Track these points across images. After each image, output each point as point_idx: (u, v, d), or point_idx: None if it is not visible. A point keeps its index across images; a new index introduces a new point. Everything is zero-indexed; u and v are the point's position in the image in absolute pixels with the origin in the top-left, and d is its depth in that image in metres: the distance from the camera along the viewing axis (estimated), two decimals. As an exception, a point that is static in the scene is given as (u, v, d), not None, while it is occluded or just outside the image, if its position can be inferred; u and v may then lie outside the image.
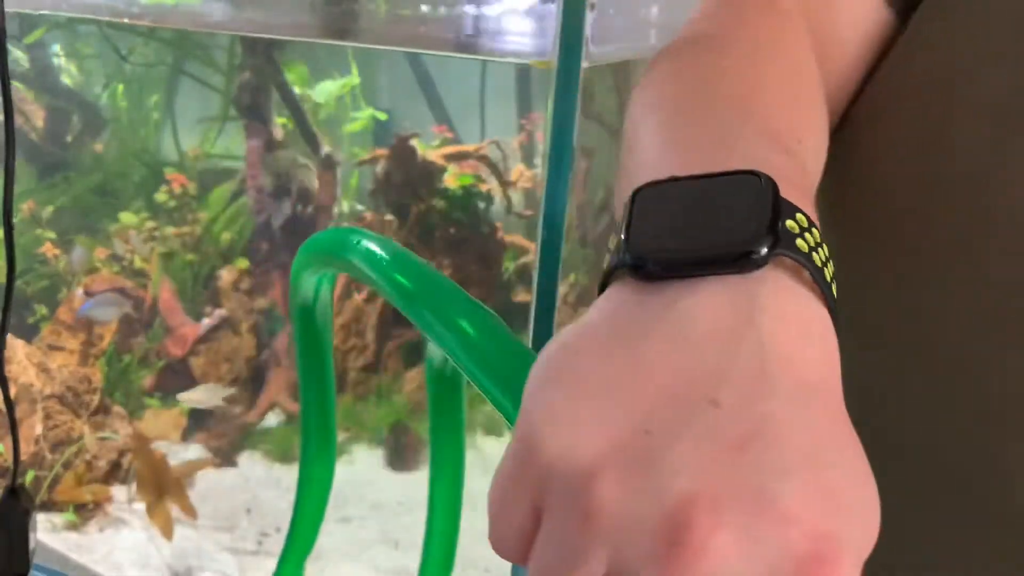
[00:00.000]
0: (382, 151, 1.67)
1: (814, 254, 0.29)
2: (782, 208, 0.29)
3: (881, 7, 0.50)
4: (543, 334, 1.12)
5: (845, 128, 0.50)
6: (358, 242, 0.48)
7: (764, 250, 0.28)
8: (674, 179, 0.31)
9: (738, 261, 0.28)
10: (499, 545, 0.28)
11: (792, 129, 0.40)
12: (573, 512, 0.25)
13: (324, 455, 0.64)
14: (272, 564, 1.62)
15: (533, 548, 0.26)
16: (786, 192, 0.31)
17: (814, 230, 0.30)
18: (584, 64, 1.04)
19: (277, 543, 1.49)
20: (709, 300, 0.27)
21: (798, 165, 0.37)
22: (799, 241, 0.29)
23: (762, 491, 0.24)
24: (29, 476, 1.48)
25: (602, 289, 0.30)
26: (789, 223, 0.29)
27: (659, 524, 0.24)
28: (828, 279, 0.30)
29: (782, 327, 0.27)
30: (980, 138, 0.44)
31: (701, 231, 0.29)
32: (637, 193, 0.31)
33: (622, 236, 0.30)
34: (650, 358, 0.27)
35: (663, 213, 0.30)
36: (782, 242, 0.28)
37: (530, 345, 1.16)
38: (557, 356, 0.28)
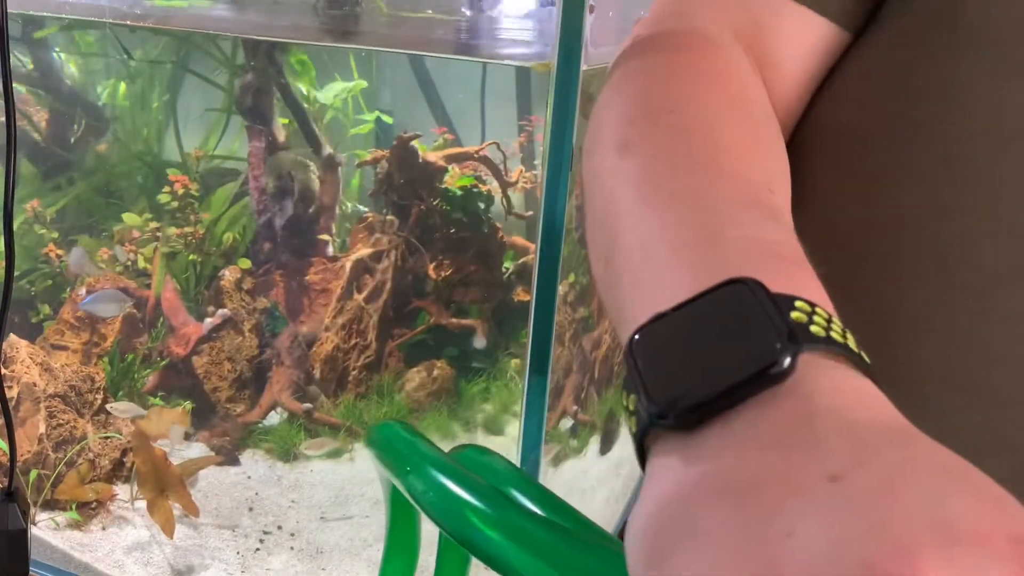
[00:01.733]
0: (383, 152, 1.68)
1: (832, 333, 0.29)
2: (781, 307, 0.29)
3: (824, 26, 0.48)
4: (543, 334, 1.13)
5: (807, 140, 0.49)
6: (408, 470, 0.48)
7: (787, 359, 0.27)
8: (660, 316, 0.30)
9: (768, 378, 0.27)
10: None
11: (764, 176, 0.39)
12: None
13: None
14: (274, 561, 1.63)
15: None
16: (779, 270, 0.31)
17: (819, 309, 0.29)
18: (584, 66, 1.05)
19: (278, 541, 1.50)
20: (764, 416, 0.27)
21: (781, 225, 0.36)
22: (813, 328, 0.28)
23: (938, 523, 0.22)
24: (32, 475, 1.49)
25: (640, 447, 0.30)
26: (794, 315, 0.29)
27: None
28: (856, 349, 0.29)
29: (843, 398, 0.27)
30: (995, 155, 0.43)
31: (718, 362, 0.28)
32: (632, 343, 0.30)
33: (641, 393, 0.29)
34: (744, 484, 0.25)
35: (669, 356, 0.29)
36: (799, 340, 0.28)
37: (529, 344, 1.17)
38: (655, 531, 0.27)
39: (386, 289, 1.65)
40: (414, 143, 1.64)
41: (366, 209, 1.75)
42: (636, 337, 0.30)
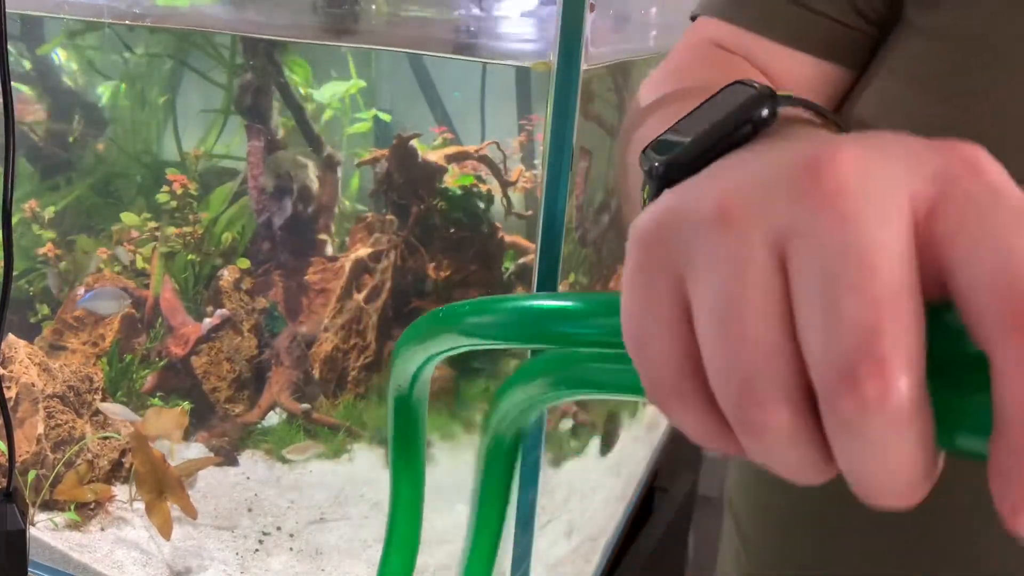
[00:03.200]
0: (382, 151, 1.67)
1: (815, 104, 0.34)
2: (773, 88, 0.33)
3: (814, 63, 0.56)
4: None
5: None
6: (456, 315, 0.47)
7: (766, 110, 0.32)
8: (668, 129, 0.35)
9: (750, 124, 0.32)
10: (647, 344, 0.28)
11: None
12: (712, 227, 0.26)
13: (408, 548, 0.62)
14: (273, 562, 1.62)
15: (697, 304, 0.26)
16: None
17: (808, 101, 0.35)
18: (584, 66, 1.05)
19: (278, 542, 1.50)
20: (753, 146, 0.31)
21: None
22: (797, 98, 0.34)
23: (873, 142, 0.26)
24: (31, 475, 1.48)
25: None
26: (782, 93, 0.33)
27: (792, 180, 0.25)
28: (836, 119, 0.34)
29: (816, 133, 0.32)
30: None
31: (713, 125, 0.32)
32: (644, 153, 0.35)
33: (653, 164, 0.33)
34: (731, 167, 0.30)
35: (677, 140, 0.34)
36: (780, 99, 0.32)
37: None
38: (652, 206, 0.30)
39: (386, 289, 1.64)
40: (413, 142, 1.63)
41: (365, 209, 1.74)
42: (649, 146, 0.34)
